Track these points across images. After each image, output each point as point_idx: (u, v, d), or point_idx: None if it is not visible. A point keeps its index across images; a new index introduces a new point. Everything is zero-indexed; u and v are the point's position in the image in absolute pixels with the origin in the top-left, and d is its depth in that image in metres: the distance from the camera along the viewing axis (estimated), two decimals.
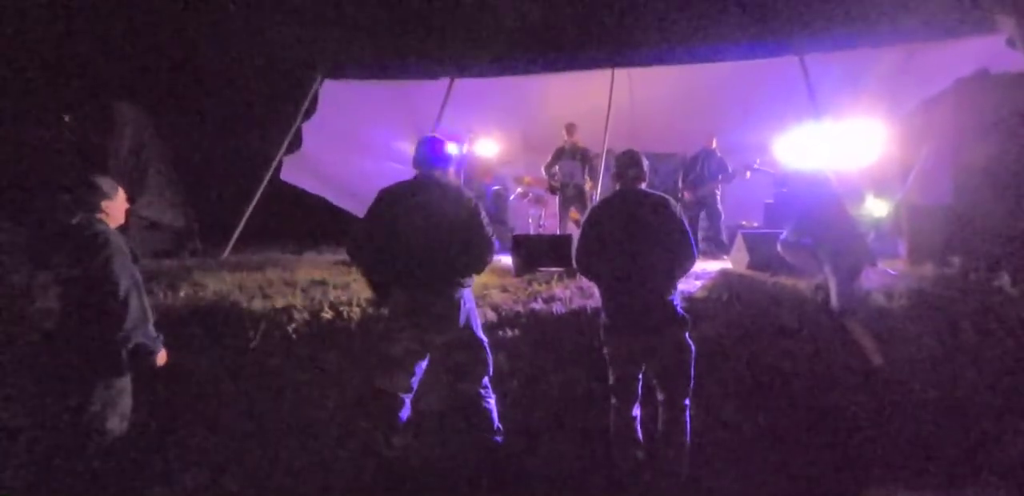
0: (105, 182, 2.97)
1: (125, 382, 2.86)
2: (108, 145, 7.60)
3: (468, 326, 2.96)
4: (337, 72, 7.11)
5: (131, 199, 3.22)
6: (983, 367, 3.68)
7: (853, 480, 3.01)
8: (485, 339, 3.03)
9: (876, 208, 6.28)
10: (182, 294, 4.81)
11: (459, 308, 2.92)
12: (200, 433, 3.38)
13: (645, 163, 3.18)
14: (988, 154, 4.93)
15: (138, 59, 8.66)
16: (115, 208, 2.98)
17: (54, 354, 2.79)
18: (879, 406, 3.49)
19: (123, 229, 3.09)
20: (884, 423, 3.38)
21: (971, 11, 6.35)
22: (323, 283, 4.99)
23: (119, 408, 2.83)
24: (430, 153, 3.11)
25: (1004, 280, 4.24)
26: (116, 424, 2.81)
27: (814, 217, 4.56)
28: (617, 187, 3.21)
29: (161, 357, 2.92)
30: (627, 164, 3.15)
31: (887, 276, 4.75)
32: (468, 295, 3.00)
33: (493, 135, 7.73)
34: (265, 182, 6.85)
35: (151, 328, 2.88)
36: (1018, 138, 4.98)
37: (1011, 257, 4.47)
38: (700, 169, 6.99)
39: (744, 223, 6.78)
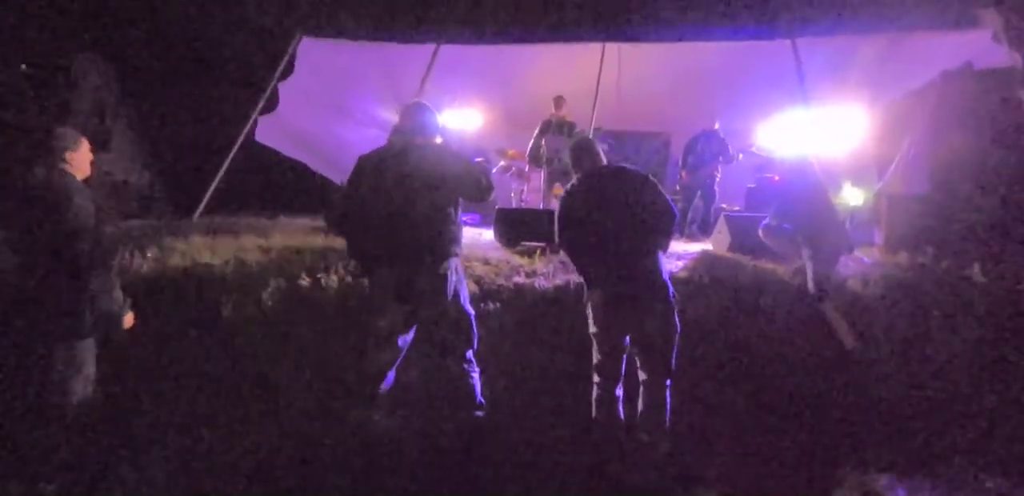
0: (68, 132, 2.79)
1: (88, 346, 2.71)
2: (70, 98, 7.22)
3: (456, 299, 2.89)
4: (317, 29, 6.81)
5: (94, 153, 3.02)
6: (952, 353, 3.79)
7: (828, 460, 3.09)
8: (473, 312, 2.97)
9: (853, 196, 6.39)
10: (149, 256, 4.62)
11: (447, 279, 2.84)
12: (168, 403, 3.26)
13: (598, 148, 3.19)
14: (968, 147, 5.03)
15: (105, 9, 8.13)
16: (79, 159, 2.79)
17: (14, 314, 2.62)
18: (852, 388, 3.58)
19: (89, 185, 2.91)
20: (857, 405, 3.46)
21: (959, 5, 6.41)
22: (299, 249, 4.84)
23: (82, 372, 2.69)
24: (417, 120, 2.99)
25: (975, 270, 4.36)
26: (79, 389, 2.67)
27: (796, 204, 4.61)
28: (576, 176, 3.16)
29: (128, 320, 2.78)
30: (580, 153, 3.15)
31: (861, 264, 4.85)
32: (456, 265, 2.91)
33: (476, 105, 7.55)
34: (239, 142, 6.58)
35: (117, 290, 2.73)
36: (998, 133, 5.08)
37: (982, 248, 4.59)
38: (700, 150, 6.90)
39: (725, 206, 6.82)
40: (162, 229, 5.46)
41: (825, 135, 6.24)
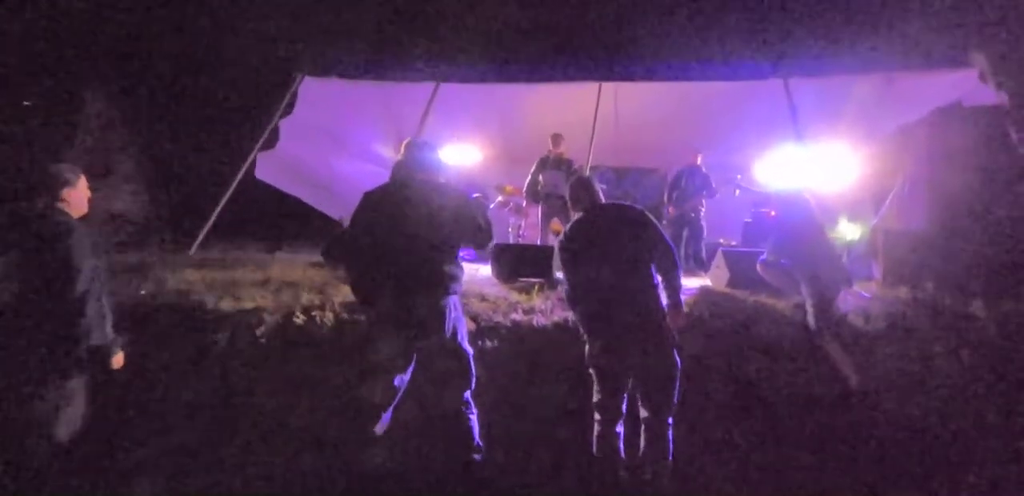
0: (66, 168, 2.80)
1: (78, 384, 2.66)
2: (73, 132, 7.31)
3: (454, 336, 2.85)
4: (319, 69, 6.96)
5: (94, 188, 3.03)
6: (954, 390, 3.73)
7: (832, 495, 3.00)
8: (471, 350, 2.93)
9: (849, 231, 6.42)
10: (144, 291, 4.58)
11: (446, 316, 2.81)
12: (159, 439, 3.17)
13: (597, 185, 3.19)
14: (961, 183, 5.08)
15: (111, 45, 8.32)
16: (77, 196, 2.80)
17: (6, 350, 2.57)
18: (856, 424, 3.51)
19: (86, 219, 2.91)
20: (862, 441, 3.39)
21: (947, 46, 6.61)
22: (296, 285, 4.80)
23: (70, 411, 2.64)
24: (419, 157, 3.02)
25: (976, 305, 4.33)
26: (66, 427, 2.62)
27: (793, 239, 4.61)
28: (576, 215, 3.16)
29: (117, 360, 2.73)
30: (580, 191, 3.14)
31: (862, 298, 4.82)
32: (456, 303, 2.89)
33: (474, 142, 7.66)
34: (238, 178, 6.63)
35: (109, 328, 2.69)
36: (989, 168, 5.15)
37: (982, 283, 4.58)
38: (684, 185, 7.02)
39: (723, 241, 6.83)
40: (158, 263, 5.42)
41: (820, 171, 6.32)
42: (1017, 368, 3.71)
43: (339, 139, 7.85)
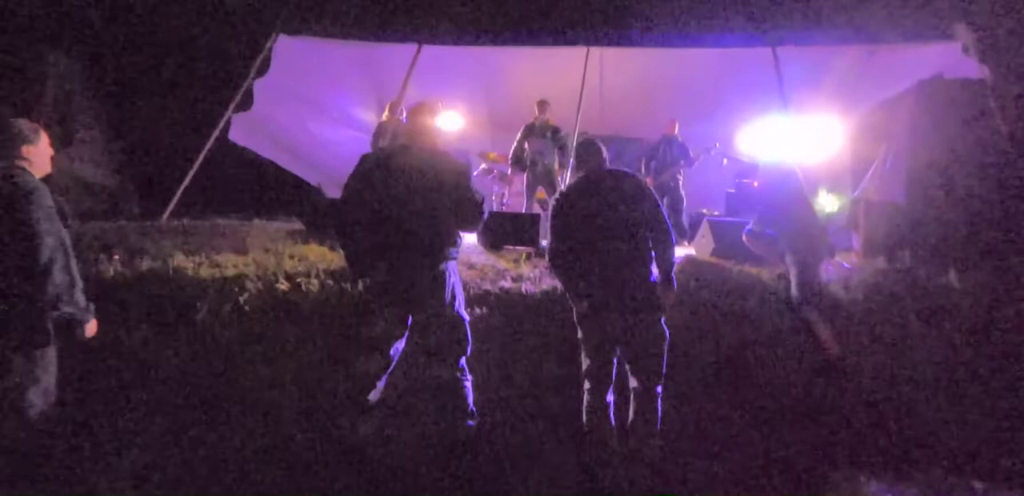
0: (25, 125, 2.60)
1: (49, 354, 2.53)
2: (30, 95, 6.93)
3: (452, 303, 2.80)
4: (295, 28, 6.66)
5: (57, 149, 2.83)
6: (929, 358, 3.85)
7: (817, 464, 3.08)
8: (467, 317, 2.89)
9: (828, 203, 6.50)
10: (117, 258, 4.42)
11: (444, 282, 2.76)
12: (139, 415, 3.08)
13: (604, 150, 3.14)
14: (941, 155, 5.14)
15: (74, 5, 7.78)
16: (38, 154, 2.60)
17: None
18: (838, 393, 3.59)
19: (49, 181, 2.73)
20: (843, 409, 3.47)
21: (931, 19, 6.62)
22: (277, 252, 4.69)
23: (41, 383, 2.51)
24: (422, 122, 2.90)
25: (951, 276, 4.44)
26: (38, 400, 2.49)
27: (779, 209, 4.63)
28: (575, 176, 3.12)
29: (90, 328, 2.60)
30: (586, 153, 3.10)
31: (843, 269, 4.91)
32: (454, 268, 2.83)
33: (457, 108, 7.48)
34: (211, 142, 6.37)
35: (80, 295, 2.55)
36: (968, 141, 5.21)
37: (957, 254, 4.69)
38: (662, 155, 6.98)
39: (705, 211, 6.87)
40: (130, 231, 5.23)
41: (802, 142, 6.34)
42: (991, 337, 3.83)
43: (317, 102, 7.59)
